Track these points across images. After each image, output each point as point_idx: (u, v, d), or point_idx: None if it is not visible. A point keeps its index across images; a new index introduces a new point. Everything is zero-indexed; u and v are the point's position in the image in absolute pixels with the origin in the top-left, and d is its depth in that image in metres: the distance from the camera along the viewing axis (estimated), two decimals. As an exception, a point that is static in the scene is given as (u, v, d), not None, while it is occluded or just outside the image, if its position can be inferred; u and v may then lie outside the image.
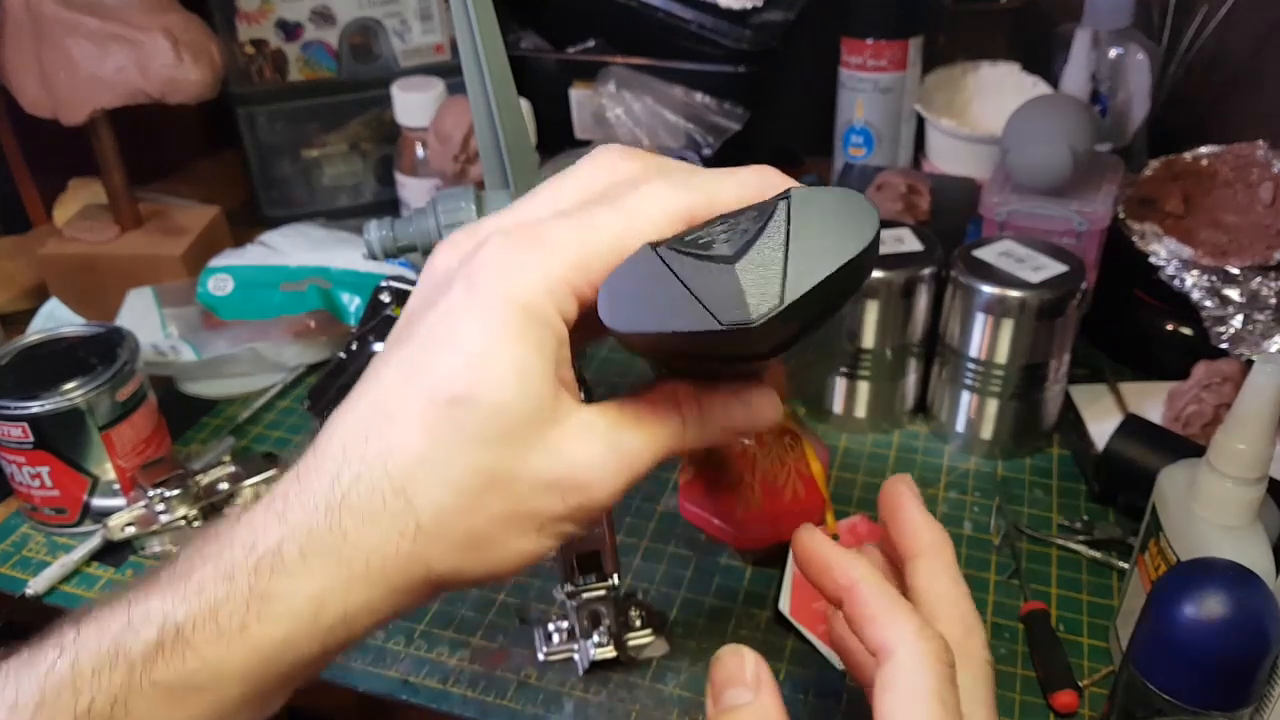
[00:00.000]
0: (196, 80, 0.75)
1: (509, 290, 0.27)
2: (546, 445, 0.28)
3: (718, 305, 0.25)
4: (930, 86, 0.90)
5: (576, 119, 0.97)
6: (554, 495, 0.28)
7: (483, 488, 0.28)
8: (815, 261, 0.25)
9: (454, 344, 0.28)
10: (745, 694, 0.29)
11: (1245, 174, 0.73)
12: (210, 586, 0.27)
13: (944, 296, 0.63)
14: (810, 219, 0.25)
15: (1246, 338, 0.63)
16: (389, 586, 0.28)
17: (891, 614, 0.30)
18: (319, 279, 0.76)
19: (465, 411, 0.27)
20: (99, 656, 0.27)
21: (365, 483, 0.27)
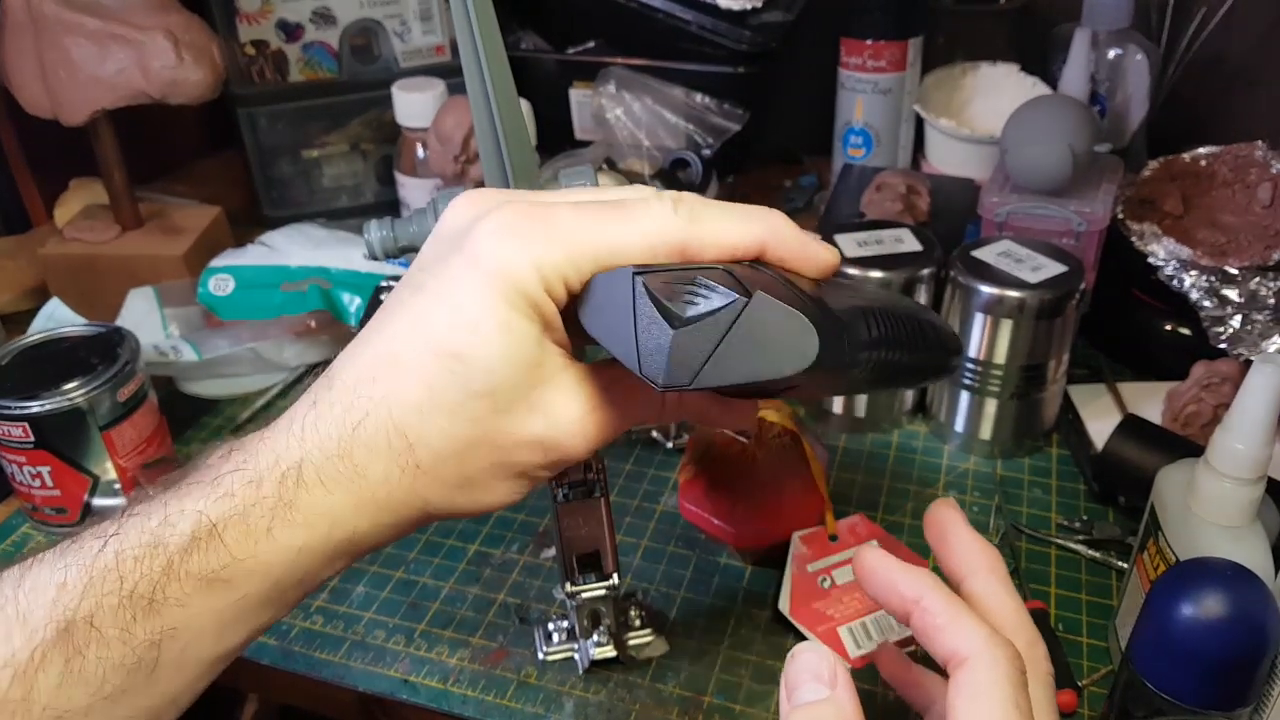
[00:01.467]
0: (197, 81, 0.75)
1: (502, 265, 0.30)
2: (532, 404, 0.32)
3: (646, 354, 0.28)
4: (929, 87, 0.90)
5: (576, 119, 0.97)
6: (536, 450, 0.32)
7: (474, 439, 0.31)
8: (736, 365, 0.27)
9: (454, 304, 0.31)
10: (821, 689, 0.29)
11: (1244, 174, 0.73)
12: (240, 492, 0.30)
13: (943, 297, 0.63)
14: (756, 327, 0.27)
15: (1245, 338, 0.63)
16: (393, 514, 0.32)
17: (962, 622, 0.31)
18: (319, 279, 0.77)
19: (461, 367, 0.30)
20: (140, 547, 0.30)
21: (373, 421, 0.31)
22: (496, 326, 0.30)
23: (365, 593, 0.57)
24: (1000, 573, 0.34)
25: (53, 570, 0.30)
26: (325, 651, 0.53)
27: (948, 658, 0.30)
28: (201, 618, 0.30)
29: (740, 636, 0.53)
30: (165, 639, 0.29)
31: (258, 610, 0.31)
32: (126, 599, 0.29)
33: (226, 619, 0.30)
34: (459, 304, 0.31)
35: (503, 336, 0.30)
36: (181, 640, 0.30)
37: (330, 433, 0.31)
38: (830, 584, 0.53)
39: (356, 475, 0.31)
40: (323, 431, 0.31)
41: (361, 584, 0.58)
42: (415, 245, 0.49)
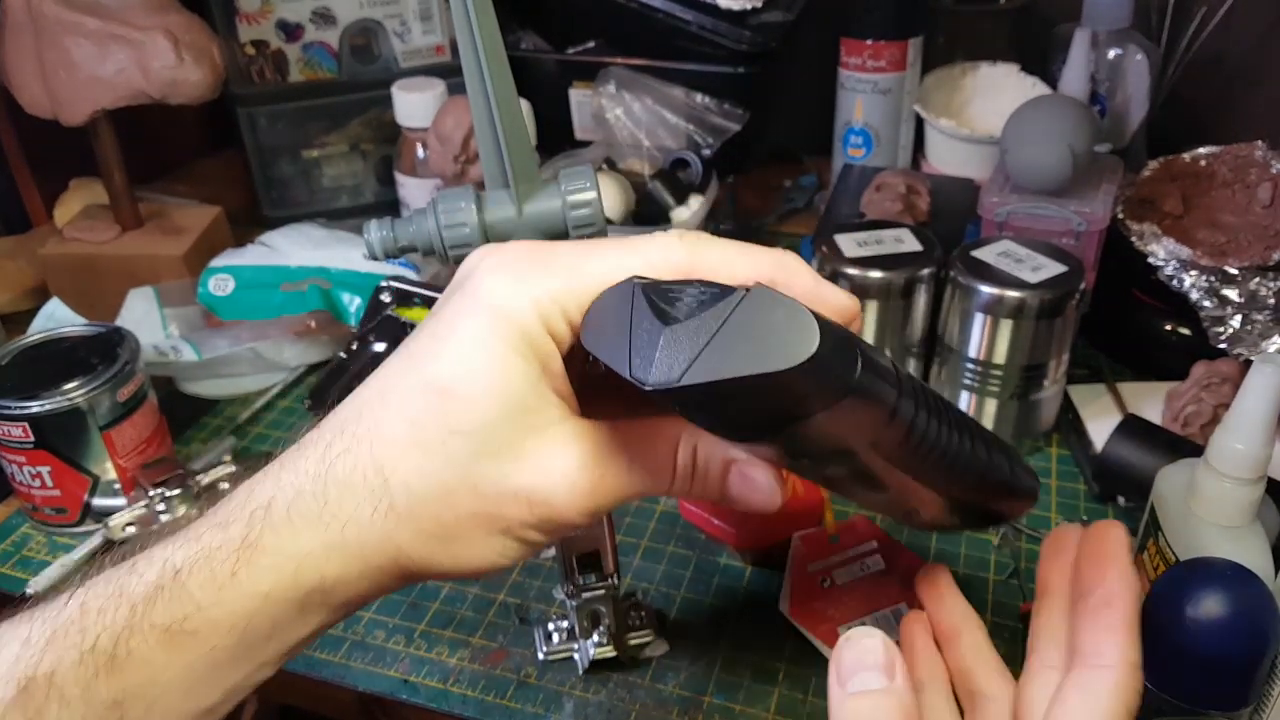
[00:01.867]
0: (197, 81, 0.75)
1: (500, 302, 0.29)
2: (520, 452, 0.29)
3: (637, 354, 0.26)
4: (929, 87, 0.90)
5: (576, 119, 0.97)
6: (521, 504, 0.29)
7: (454, 482, 0.29)
8: (729, 360, 0.25)
9: (449, 342, 0.29)
10: (880, 678, 0.28)
11: (1244, 174, 0.73)
12: (207, 534, 0.29)
13: (943, 297, 0.63)
14: (753, 320, 0.25)
15: (1245, 338, 0.63)
16: (364, 561, 0.30)
17: (1127, 637, 0.31)
18: (319, 279, 0.77)
19: (448, 405, 0.29)
20: (104, 598, 0.28)
21: (351, 456, 0.29)
22: (487, 363, 0.29)
23: (365, 593, 0.57)
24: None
25: (19, 625, 0.28)
26: (325, 651, 0.53)
27: (1085, 654, 0.30)
28: (168, 673, 0.28)
29: (740, 636, 0.53)
30: (129, 699, 0.28)
31: (229, 666, 0.29)
32: (88, 653, 0.27)
33: (196, 674, 0.28)
34: (452, 340, 0.29)
35: (493, 374, 0.29)
36: (146, 699, 0.28)
37: (307, 469, 0.30)
38: (830, 584, 0.53)
39: (326, 513, 0.29)
40: (300, 468, 0.30)
41: (361, 584, 0.58)
42: (415, 245, 0.49)
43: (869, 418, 0.27)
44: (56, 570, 0.58)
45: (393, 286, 0.56)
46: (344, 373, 0.57)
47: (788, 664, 0.52)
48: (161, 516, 0.59)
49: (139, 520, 0.59)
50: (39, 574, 0.58)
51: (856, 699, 0.28)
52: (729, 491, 0.31)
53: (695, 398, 0.25)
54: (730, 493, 0.31)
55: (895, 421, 0.28)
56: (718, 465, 0.30)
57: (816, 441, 0.28)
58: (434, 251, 0.49)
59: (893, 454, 0.29)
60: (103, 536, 0.59)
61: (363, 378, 0.57)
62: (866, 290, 0.62)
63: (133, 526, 0.59)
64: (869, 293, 0.62)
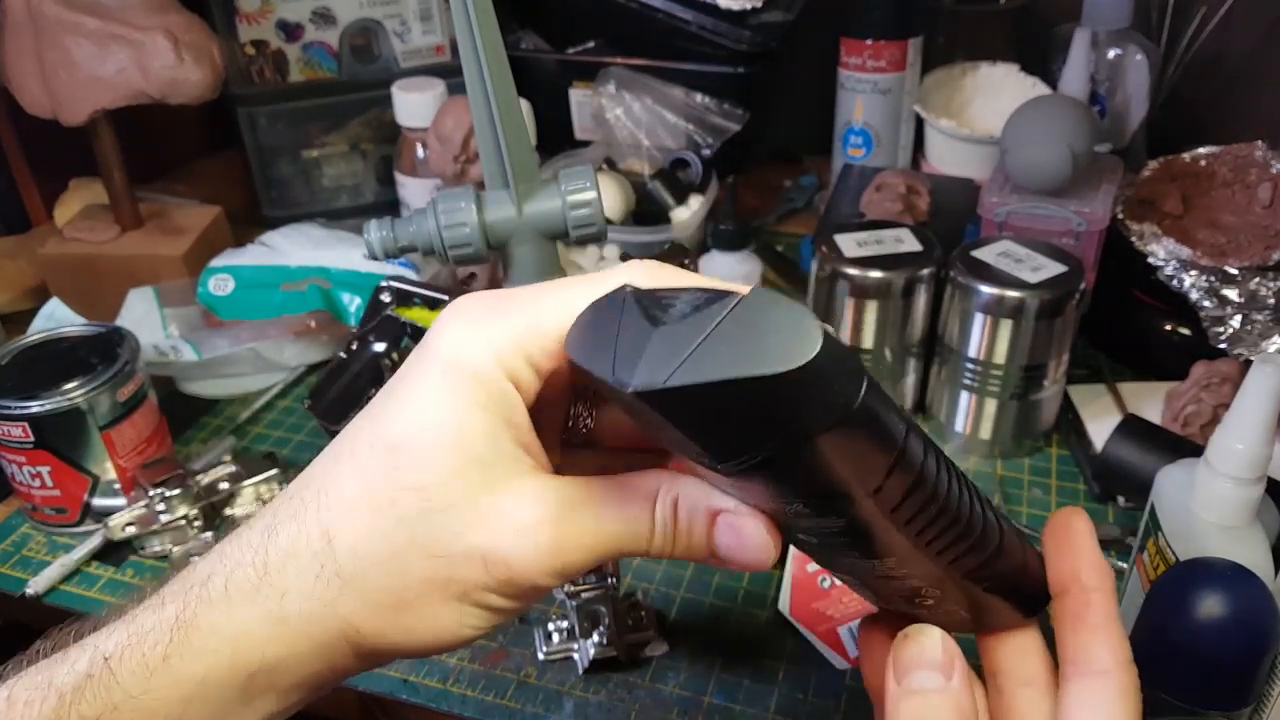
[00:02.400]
0: (197, 81, 0.75)
1: (455, 354, 0.27)
2: (476, 508, 0.27)
3: (621, 360, 0.24)
4: (929, 87, 0.90)
5: (576, 119, 0.97)
6: (476, 563, 0.27)
7: (403, 542, 0.26)
8: (721, 359, 0.22)
9: (403, 399, 0.28)
10: (937, 677, 0.27)
11: (1244, 174, 0.73)
12: (142, 615, 0.27)
13: (943, 297, 0.63)
14: (751, 320, 0.23)
15: (1245, 338, 0.63)
16: (308, 637, 0.27)
17: (1114, 634, 0.29)
18: (319, 279, 0.77)
19: (398, 460, 0.27)
20: (33, 689, 0.26)
21: (296, 522, 0.27)
22: (440, 416, 0.27)
23: (365, 593, 0.57)
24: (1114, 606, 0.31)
25: None
26: (325, 651, 0.53)
27: (1080, 661, 0.29)
28: None
29: (740, 636, 0.53)
30: None
31: None
32: None
33: None
34: (407, 396, 0.27)
35: (445, 427, 0.27)
36: None
37: (250, 540, 0.27)
38: (830, 584, 0.53)
39: (265, 584, 0.26)
40: (243, 541, 0.27)
41: (361, 584, 0.58)
42: (415, 245, 0.49)
43: (873, 453, 0.25)
44: (56, 570, 0.58)
45: (393, 286, 0.56)
46: (344, 373, 0.57)
47: (788, 664, 0.52)
48: (161, 516, 0.59)
49: (139, 520, 0.59)
50: (39, 574, 0.58)
51: (912, 698, 0.27)
52: (717, 547, 0.28)
53: (682, 404, 0.23)
54: (719, 549, 0.28)
55: (903, 464, 0.25)
56: (702, 518, 0.28)
57: (813, 477, 0.25)
58: (434, 251, 0.49)
59: (897, 509, 0.26)
60: (102, 537, 0.59)
61: (363, 377, 0.57)
62: (866, 290, 0.62)
63: (132, 526, 0.59)
64: (869, 293, 0.62)
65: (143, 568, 0.60)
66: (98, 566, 0.60)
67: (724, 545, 0.28)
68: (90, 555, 0.60)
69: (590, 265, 0.81)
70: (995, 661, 0.33)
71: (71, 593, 0.58)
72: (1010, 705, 0.31)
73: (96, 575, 0.59)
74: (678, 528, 0.28)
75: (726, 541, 0.28)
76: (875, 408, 0.24)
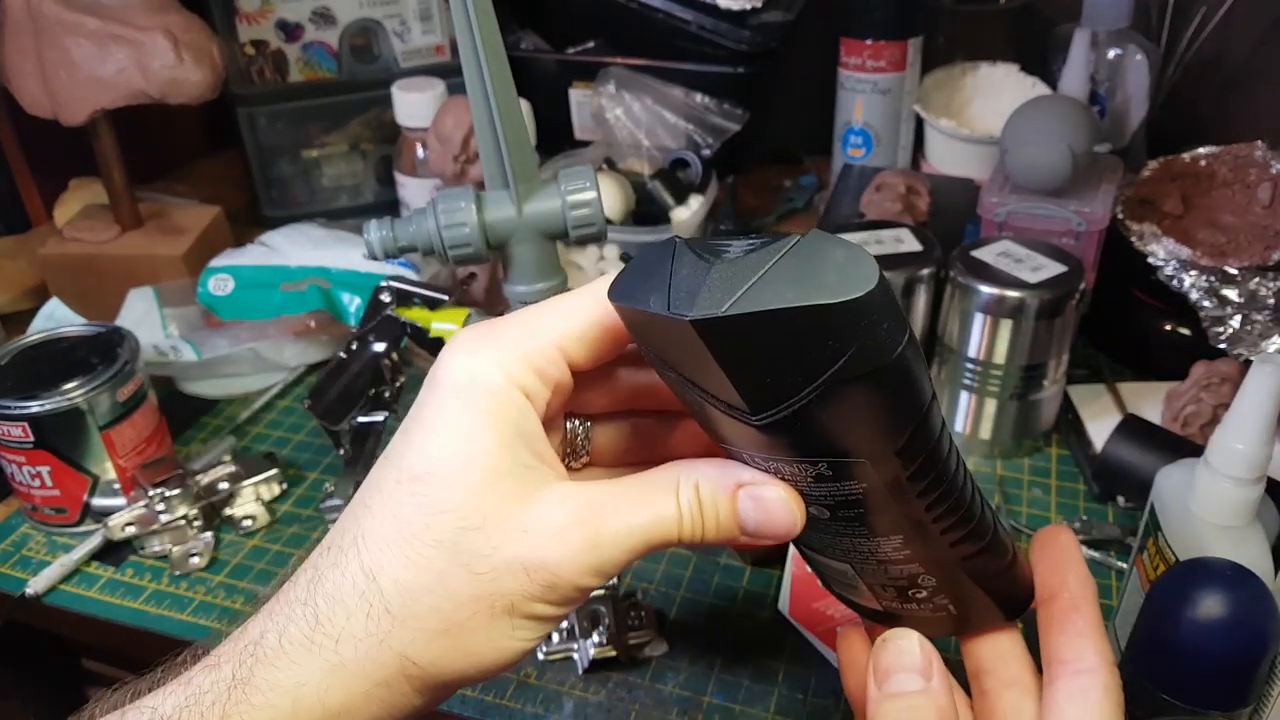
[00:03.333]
0: (197, 81, 0.75)
1: (460, 377, 0.28)
2: (507, 521, 0.27)
3: (677, 295, 0.24)
4: (929, 87, 0.90)
5: (576, 119, 0.97)
6: (517, 572, 0.27)
7: (445, 565, 0.27)
8: (781, 290, 0.23)
9: (420, 431, 0.28)
10: (917, 679, 0.28)
11: (1243, 174, 0.73)
12: (197, 676, 0.27)
13: (943, 297, 0.63)
14: (810, 256, 0.23)
15: (1245, 338, 0.63)
16: (366, 679, 0.27)
17: (1099, 638, 0.30)
18: (319, 279, 0.77)
19: (425, 489, 0.27)
20: None
21: (338, 569, 0.28)
22: (457, 438, 0.27)
23: (365, 593, 0.57)
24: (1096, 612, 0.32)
25: None
26: (325, 651, 0.53)
27: (1065, 661, 0.30)
28: None
29: (740, 636, 0.53)
30: None
31: None
32: None
33: None
34: (422, 427, 0.28)
35: (464, 447, 0.27)
36: None
37: (296, 595, 0.28)
38: (830, 584, 0.53)
39: (319, 633, 0.27)
40: (290, 596, 0.28)
41: (361, 584, 0.58)
42: (415, 245, 0.49)
43: (904, 406, 0.25)
44: (56, 570, 0.58)
45: (392, 286, 0.56)
46: (344, 372, 0.57)
47: (787, 664, 0.52)
48: (161, 516, 0.59)
49: (138, 520, 0.59)
50: (39, 574, 0.58)
51: (894, 700, 0.28)
52: (744, 522, 0.28)
53: (736, 337, 0.23)
54: (746, 523, 0.28)
55: (927, 426, 0.26)
56: (725, 494, 0.28)
57: (844, 428, 0.25)
58: (434, 251, 0.49)
59: (914, 475, 0.27)
60: (102, 536, 0.59)
61: (363, 377, 0.57)
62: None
63: (132, 526, 0.59)
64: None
65: (142, 568, 0.60)
66: (97, 566, 0.60)
67: (748, 517, 0.28)
68: (90, 555, 0.60)
69: (590, 265, 0.81)
70: (979, 662, 0.33)
71: (71, 592, 0.58)
72: (994, 706, 0.32)
73: (96, 575, 0.59)
74: (703, 509, 0.28)
75: (750, 511, 0.28)
76: (911, 360, 0.24)
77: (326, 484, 0.63)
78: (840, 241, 0.24)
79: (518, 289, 0.51)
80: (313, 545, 0.62)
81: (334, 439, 0.59)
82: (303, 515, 0.63)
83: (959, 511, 0.29)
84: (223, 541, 0.61)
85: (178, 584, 0.58)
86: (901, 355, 0.24)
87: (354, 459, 0.60)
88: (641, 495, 0.28)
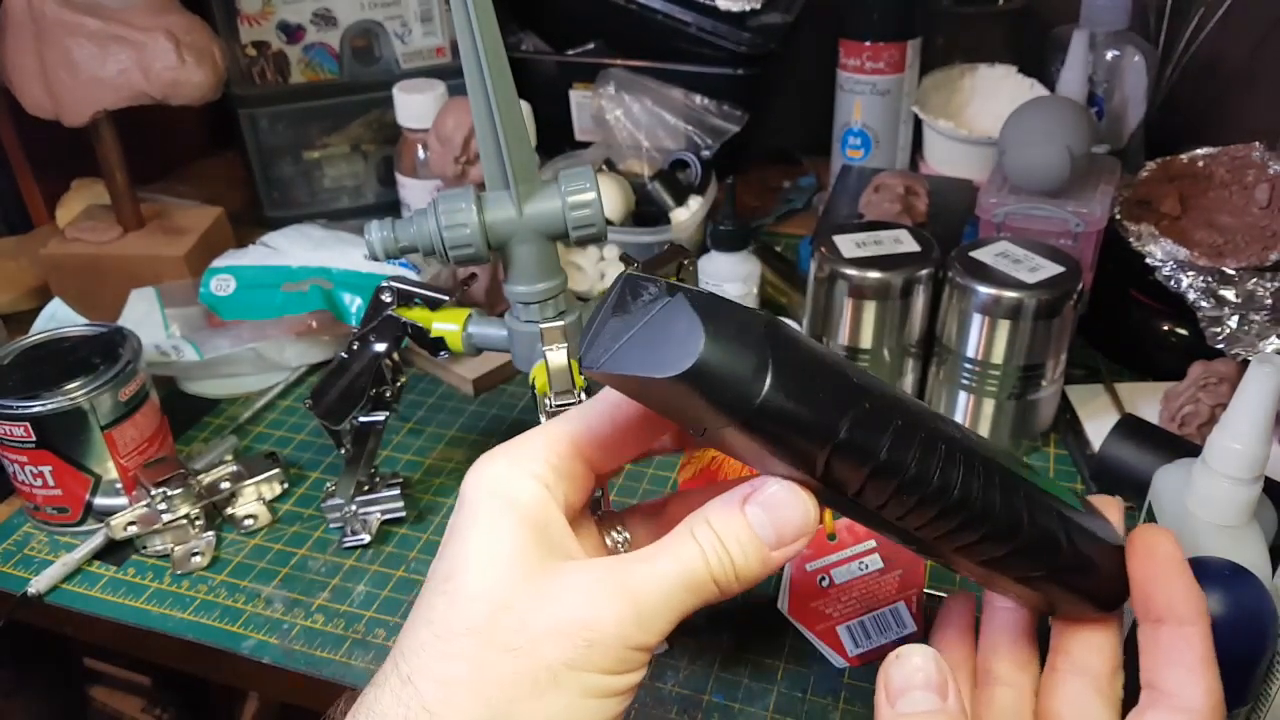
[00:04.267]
0: (199, 82, 0.75)
1: (482, 485, 0.29)
2: (536, 593, 0.28)
3: (589, 341, 0.27)
4: (927, 88, 0.90)
5: (576, 121, 0.97)
6: (555, 637, 0.27)
7: (480, 650, 0.27)
8: (632, 358, 0.26)
9: (447, 542, 0.30)
10: (932, 699, 0.27)
11: (1241, 175, 0.73)
12: None
13: (941, 297, 0.64)
14: (664, 322, 0.26)
15: (1242, 338, 0.64)
16: None
17: (1211, 674, 0.29)
18: (320, 279, 0.77)
19: (453, 585, 0.28)
20: None
21: (380, 686, 0.28)
22: (478, 534, 0.28)
23: (366, 592, 0.57)
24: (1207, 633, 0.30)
25: None
26: (326, 650, 0.54)
27: (1168, 693, 0.28)
28: None
29: (740, 636, 0.54)
30: None
31: None
32: None
33: None
34: (450, 538, 0.29)
35: (489, 541, 0.28)
36: None
37: None
38: (829, 583, 0.54)
39: None
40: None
41: (362, 583, 0.58)
42: (416, 246, 0.50)
43: (798, 442, 0.26)
44: (58, 569, 0.58)
45: (393, 287, 0.56)
46: (344, 372, 0.57)
47: (787, 663, 0.52)
48: (163, 516, 0.59)
49: (140, 519, 0.59)
50: (40, 573, 0.58)
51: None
52: (761, 531, 0.28)
53: (620, 385, 0.27)
54: (763, 531, 0.28)
55: (850, 451, 0.26)
56: (736, 517, 0.28)
57: (754, 455, 0.27)
58: (434, 252, 0.49)
59: (860, 492, 0.27)
60: (104, 536, 0.60)
61: (363, 377, 0.57)
62: (865, 291, 0.62)
63: (134, 526, 0.59)
64: (867, 293, 0.62)
65: (144, 567, 0.60)
66: (99, 566, 0.60)
67: (762, 524, 0.28)
68: (92, 554, 0.60)
69: (590, 265, 0.81)
70: (1062, 641, 0.33)
71: (73, 592, 0.58)
72: (1057, 684, 0.32)
73: (98, 574, 0.59)
74: (723, 540, 0.28)
75: (761, 517, 0.28)
76: (784, 405, 0.25)
77: (328, 483, 0.64)
78: (686, 312, 0.25)
79: (518, 289, 0.51)
80: (313, 545, 0.62)
81: (335, 439, 0.59)
82: (304, 514, 0.63)
83: (955, 519, 0.28)
84: (224, 541, 0.61)
85: (179, 583, 0.58)
86: (763, 406, 0.25)
87: (355, 458, 0.60)
88: (663, 546, 0.29)
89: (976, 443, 0.30)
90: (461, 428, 0.71)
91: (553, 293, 0.51)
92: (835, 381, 0.27)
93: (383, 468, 0.65)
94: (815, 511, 0.28)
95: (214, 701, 0.95)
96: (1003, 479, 0.29)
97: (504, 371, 0.75)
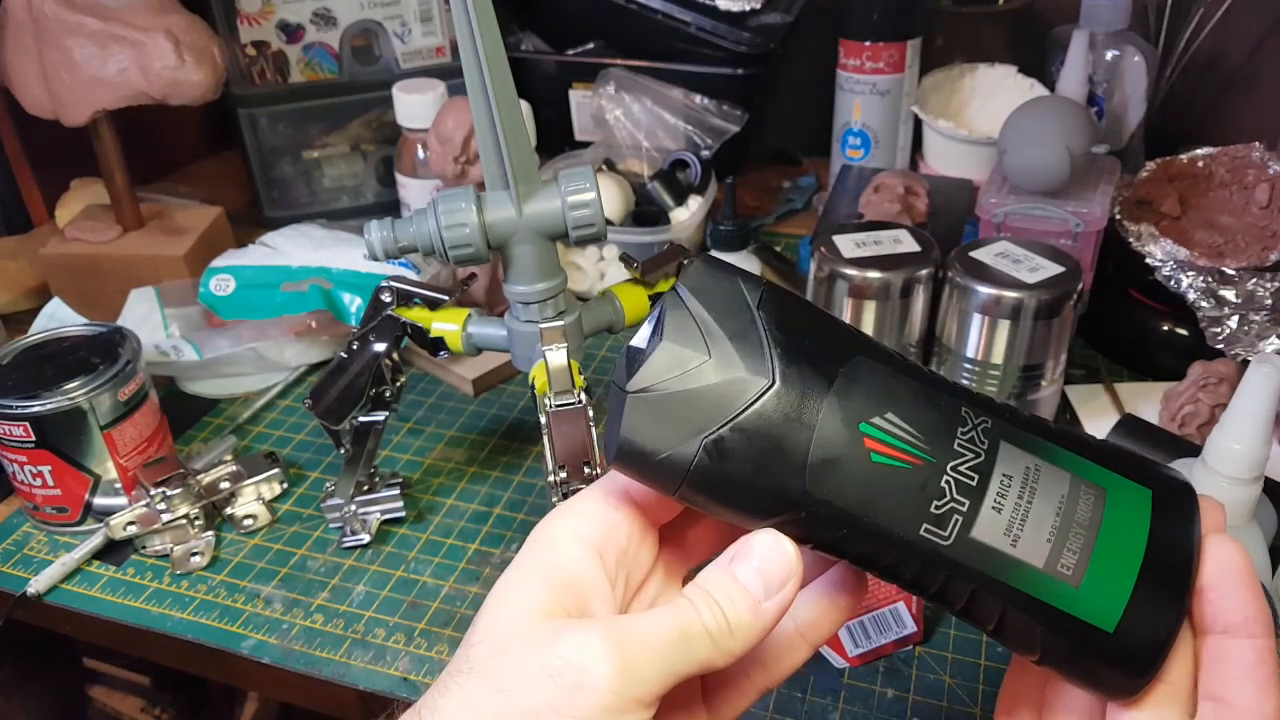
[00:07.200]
0: (198, 82, 0.75)
1: (531, 540, 0.31)
2: (533, 643, 0.28)
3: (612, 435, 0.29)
4: (927, 88, 0.90)
5: (576, 120, 0.97)
6: (542, 680, 0.27)
7: (472, 686, 0.28)
8: (612, 435, 0.28)
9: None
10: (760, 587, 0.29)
11: (1241, 175, 0.73)
12: None
13: (941, 297, 0.64)
14: (615, 410, 0.28)
15: (1242, 338, 0.64)
16: None
17: (1274, 689, 0.28)
18: (320, 279, 0.77)
19: (468, 632, 0.30)
20: None
21: (410, 713, 0.29)
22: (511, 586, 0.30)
23: (365, 591, 0.57)
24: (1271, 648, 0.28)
25: None
26: (325, 650, 0.54)
27: (1233, 706, 0.27)
28: None
29: (739, 635, 0.54)
30: None
31: None
32: None
33: None
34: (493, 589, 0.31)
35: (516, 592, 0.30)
36: None
37: None
38: (829, 583, 0.54)
39: None
40: None
41: (362, 583, 0.58)
42: (415, 246, 0.50)
43: (746, 500, 0.28)
44: (58, 569, 0.58)
45: (393, 286, 0.56)
46: (344, 372, 0.57)
47: (786, 662, 0.52)
48: (162, 516, 0.59)
49: (140, 519, 0.59)
50: (40, 573, 0.58)
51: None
52: (748, 584, 0.29)
53: None
54: (749, 583, 0.29)
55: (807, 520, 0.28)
56: (725, 574, 0.29)
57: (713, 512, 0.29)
58: (434, 252, 0.49)
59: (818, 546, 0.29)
60: (103, 536, 0.60)
61: (363, 377, 0.57)
62: (865, 291, 0.62)
63: (134, 526, 0.59)
64: (867, 293, 0.62)
65: (144, 567, 0.60)
66: (99, 565, 0.60)
67: (748, 575, 0.29)
68: (91, 554, 0.60)
69: (590, 265, 0.81)
70: None
71: (73, 591, 0.58)
72: None
73: (98, 574, 0.59)
74: (716, 598, 0.29)
75: (746, 571, 0.29)
76: (721, 471, 0.27)
77: (327, 483, 0.64)
78: (618, 414, 0.27)
79: (517, 289, 0.51)
80: (313, 545, 0.62)
81: (334, 438, 0.59)
82: (304, 514, 0.63)
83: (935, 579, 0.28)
84: (224, 540, 0.61)
85: (179, 583, 0.58)
86: (693, 476, 0.27)
87: (354, 458, 0.60)
88: (661, 605, 0.29)
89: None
90: (461, 427, 0.71)
91: (552, 293, 0.51)
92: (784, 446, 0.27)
93: (382, 467, 0.65)
94: (797, 556, 0.29)
95: (213, 701, 0.95)
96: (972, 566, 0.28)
97: (504, 371, 0.75)
